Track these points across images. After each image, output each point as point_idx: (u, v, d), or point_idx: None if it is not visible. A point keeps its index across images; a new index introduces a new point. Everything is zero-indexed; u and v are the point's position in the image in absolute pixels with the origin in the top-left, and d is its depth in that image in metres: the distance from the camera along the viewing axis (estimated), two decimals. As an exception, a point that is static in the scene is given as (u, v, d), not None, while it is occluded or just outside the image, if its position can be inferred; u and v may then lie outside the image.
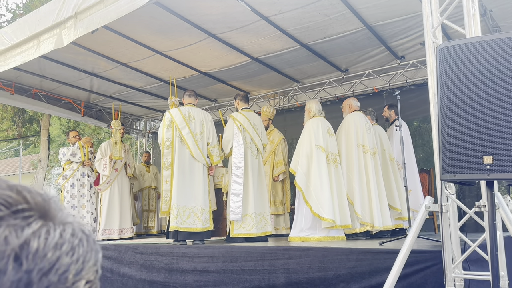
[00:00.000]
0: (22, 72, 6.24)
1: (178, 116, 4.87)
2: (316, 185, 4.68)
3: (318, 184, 4.68)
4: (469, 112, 1.95)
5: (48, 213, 0.42)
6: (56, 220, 0.42)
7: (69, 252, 0.41)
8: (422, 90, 6.32)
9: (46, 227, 0.41)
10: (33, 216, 0.41)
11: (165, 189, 4.73)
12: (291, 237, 4.76)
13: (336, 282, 3.18)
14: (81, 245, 0.43)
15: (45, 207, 0.42)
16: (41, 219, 0.41)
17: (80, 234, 0.44)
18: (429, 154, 6.79)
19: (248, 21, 4.93)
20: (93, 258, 0.44)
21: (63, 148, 6.64)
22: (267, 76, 6.82)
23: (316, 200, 4.62)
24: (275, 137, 6.24)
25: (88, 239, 0.44)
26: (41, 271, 0.38)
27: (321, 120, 5.03)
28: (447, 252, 2.54)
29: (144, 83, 7.03)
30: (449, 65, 2.02)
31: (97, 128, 14.09)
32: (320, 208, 4.58)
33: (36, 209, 0.41)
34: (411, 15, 4.88)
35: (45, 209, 0.42)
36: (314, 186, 4.68)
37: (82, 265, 0.42)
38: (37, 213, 0.41)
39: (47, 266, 0.39)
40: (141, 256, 4.40)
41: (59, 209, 0.44)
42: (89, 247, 0.44)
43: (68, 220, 0.44)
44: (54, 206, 0.44)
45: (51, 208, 0.43)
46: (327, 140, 4.94)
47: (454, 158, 1.95)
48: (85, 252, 0.43)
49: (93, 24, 3.98)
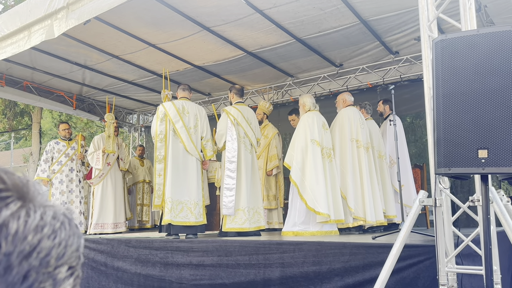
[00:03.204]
0: (13, 64, 6.16)
1: (172, 109, 4.84)
2: (312, 180, 4.66)
3: (313, 178, 4.66)
4: (465, 106, 1.94)
5: (27, 194, 0.40)
6: (36, 202, 0.40)
7: (50, 235, 0.39)
8: (415, 85, 6.33)
9: (25, 208, 0.38)
10: (11, 197, 0.38)
11: (158, 182, 4.70)
12: (284, 232, 4.75)
13: (330, 276, 3.18)
14: (63, 228, 0.41)
15: (24, 189, 0.40)
16: (19, 200, 0.39)
17: (61, 218, 0.41)
18: (422, 150, 6.82)
19: (242, 14, 4.89)
20: (75, 243, 0.42)
21: (51, 143, 6.58)
22: (261, 70, 6.79)
23: (311, 194, 4.60)
24: (269, 132, 6.22)
25: (70, 223, 0.42)
26: (21, 254, 0.36)
27: (316, 114, 5.01)
28: (441, 246, 2.55)
29: (137, 76, 6.97)
30: (445, 58, 2.01)
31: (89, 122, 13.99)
32: (315, 202, 4.57)
33: (14, 190, 0.39)
34: (406, 10, 4.88)
35: (23, 190, 0.40)
36: (309, 180, 4.66)
37: (64, 249, 0.40)
38: (15, 194, 0.39)
39: (27, 249, 0.37)
40: (135, 250, 4.38)
41: (38, 192, 0.42)
42: (72, 231, 0.42)
43: (49, 203, 0.42)
44: (33, 188, 0.41)
45: (29, 190, 0.41)
46: (322, 134, 4.93)
47: (449, 152, 1.95)
48: (67, 236, 0.41)
49: (85, 15, 3.93)
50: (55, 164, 6.38)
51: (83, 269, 0.45)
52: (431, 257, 2.81)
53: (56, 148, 6.45)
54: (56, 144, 6.51)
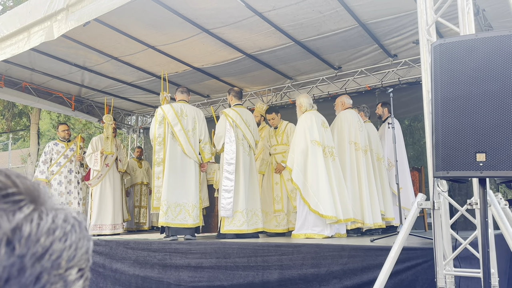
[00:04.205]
0: (12, 65, 6.15)
1: (170, 112, 4.84)
2: (313, 182, 4.56)
3: (315, 180, 4.56)
4: (463, 110, 1.95)
5: (38, 198, 0.41)
6: (47, 205, 0.41)
7: (62, 238, 0.40)
8: (414, 88, 6.35)
9: (37, 211, 0.40)
10: (24, 201, 0.39)
11: (157, 185, 4.71)
12: (294, 234, 4.64)
13: (329, 278, 3.19)
14: (73, 231, 0.42)
15: (35, 192, 0.41)
16: (32, 204, 0.40)
17: (72, 221, 0.42)
18: (420, 153, 6.84)
19: (241, 16, 4.90)
20: (85, 245, 0.43)
21: (50, 144, 6.57)
22: (260, 73, 6.80)
23: (314, 197, 4.50)
24: (266, 134, 6.22)
25: (80, 226, 0.43)
26: (34, 256, 0.37)
27: (314, 114, 4.91)
28: (439, 249, 2.56)
29: (136, 77, 6.97)
30: (443, 62, 2.02)
31: (87, 123, 13.97)
32: (319, 205, 4.46)
33: (26, 194, 0.40)
34: (405, 14, 4.90)
35: (35, 194, 0.41)
36: (311, 183, 4.57)
37: (74, 251, 0.41)
38: (27, 198, 0.40)
39: (40, 251, 0.38)
40: (133, 252, 4.38)
41: (49, 196, 0.43)
42: (81, 234, 0.43)
43: (59, 206, 0.43)
44: (43, 191, 0.42)
45: (40, 193, 0.42)
46: (322, 133, 4.81)
47: (448, 156, 1.96)
48: (77, 239, 0.42)
49: (85, 17, 3.93)
50: (54, 165, 6.37)
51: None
52: (429, 260, 2.82)
53: (55, 149, 6.44)
54: (55, 145, 6.51)
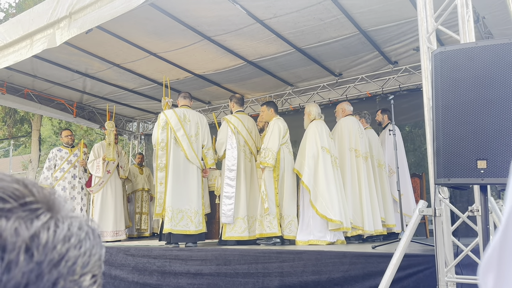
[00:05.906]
0: (14, 71, 6.18)
1: (173, 117, 4.84)
2: (323, 186, 4.60)
3: (324, 185, 4.61)
4: (464, 117, 1.96)
5: (54, 206, 0.43)
6: (63, 213, 0.43)
7: (77, 245, 0.42)
8: (414, 95, 6.37)
9: (54, 219, 0.41)
10: (41, 209, 0.41)
11: (159, 191, 4.68)
12: (298, 241, 4.64)
13: (330, 285, 3.18)
14: (87, 238, 0.43)
15: (51, 201, 0.43)
16: (49, 212, 0.42)
17: (86, 228, 0.44)
18: (421, 159, 6.84)
19: (243, 24, 4.93)
20: (98, 252, 0.45)
21: (54, 150, 6.59)
22: (261, 79, 6.83)
23: (322, 201, 4.54)
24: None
25: (93, 233, 0.45)
26: (51, 263, 0.39)
27: (322, 124, 5.03)
28: (440, 256, 2.56)
29: (137, 84, 7.00)
30: (444, 70, 2.04)
31: (89, 129, 13.99)
32: (327, 209, 4.50)
33: (43, 202, 0.42)
34: (405, 21, 4.93)
35: (51, 202, 0.43)
36: (321, 187, 4.61)
37: (88, 258, 0.42)
38: (44, 206, 0.42)
39: (56, 257, 0.39)
40: (133, 259, 4.37)
41: (63, 204, 0.44)
42: (95, 241, 0.45)
43: (74, 214, 0.44)
44: (58, 200, 0.44)
45: (56, 202, 0.44)
46: (330, 142, 4.93)
47: (449, 163, 1.97)
48: (91, 246, 0.43)
49: (87, 24, 3.96)
50: (58, 171, 6.39)
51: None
52: (431, 267, 2.82)
53: (58, 155, 6.46)
54: (58, 151, 6.52)
